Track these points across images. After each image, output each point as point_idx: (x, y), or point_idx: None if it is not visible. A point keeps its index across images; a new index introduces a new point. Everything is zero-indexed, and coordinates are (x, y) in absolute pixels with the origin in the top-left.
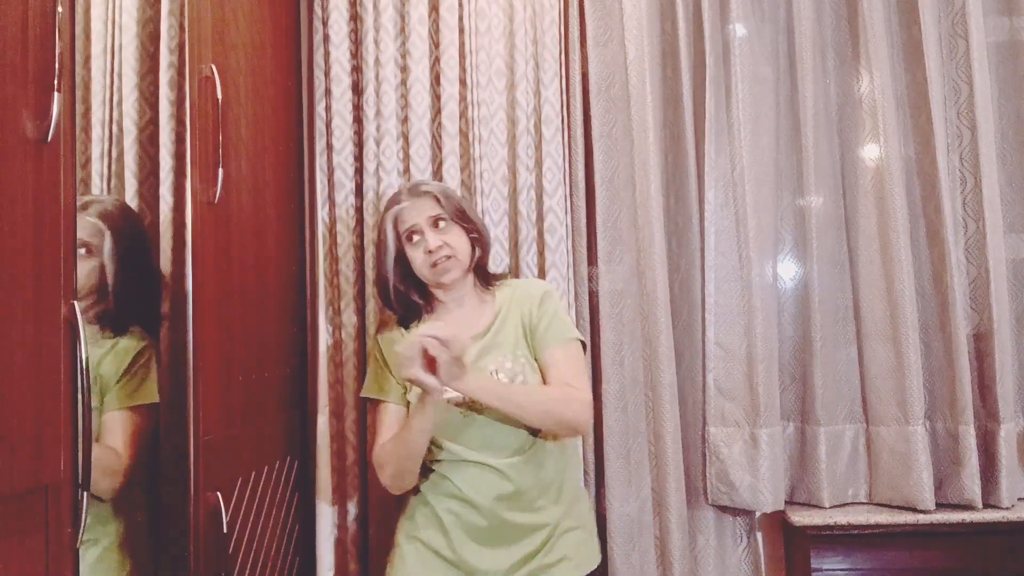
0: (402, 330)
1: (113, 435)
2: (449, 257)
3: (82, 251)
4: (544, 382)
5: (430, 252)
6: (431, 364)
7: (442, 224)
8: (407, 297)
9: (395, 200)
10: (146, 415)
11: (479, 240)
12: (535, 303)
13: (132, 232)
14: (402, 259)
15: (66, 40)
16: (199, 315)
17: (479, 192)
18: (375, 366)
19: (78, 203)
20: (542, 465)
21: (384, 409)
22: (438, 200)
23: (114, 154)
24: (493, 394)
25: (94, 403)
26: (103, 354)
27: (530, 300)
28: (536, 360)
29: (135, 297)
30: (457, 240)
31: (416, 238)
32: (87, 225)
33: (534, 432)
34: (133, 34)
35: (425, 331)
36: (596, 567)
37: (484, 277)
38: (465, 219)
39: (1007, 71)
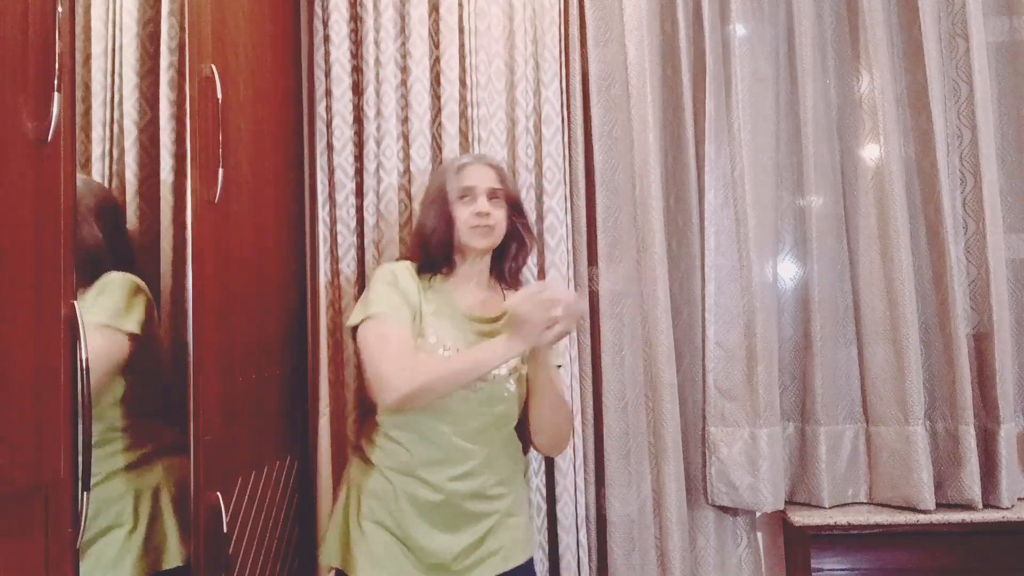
0: (416, 272)
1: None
2: (491, 227)
3: None
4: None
5: (478, 214)
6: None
7: (497, 199)
8: (443, 250)
9: (461, 157)
10: (122, 342)
11: (518, 233)
12: None
13: (93, 194)
14: (440, 215)
15: (66, 40)
16: (199, 315)
17: None
18: (385, 287)
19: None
20: (506, 455)
21: (391, 323)
22: (502, 177)
23: (115, 154)
24: (553, 377)
25: None
26: (93, 296)
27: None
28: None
29: (107, 258)
30: (501, 218)
31: (467, 198)
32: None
33: (511, 424)
34: (133, 34)
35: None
36: (529, 558)
37: (500, 269)
38: (517, 208)
39: (1007, 71)
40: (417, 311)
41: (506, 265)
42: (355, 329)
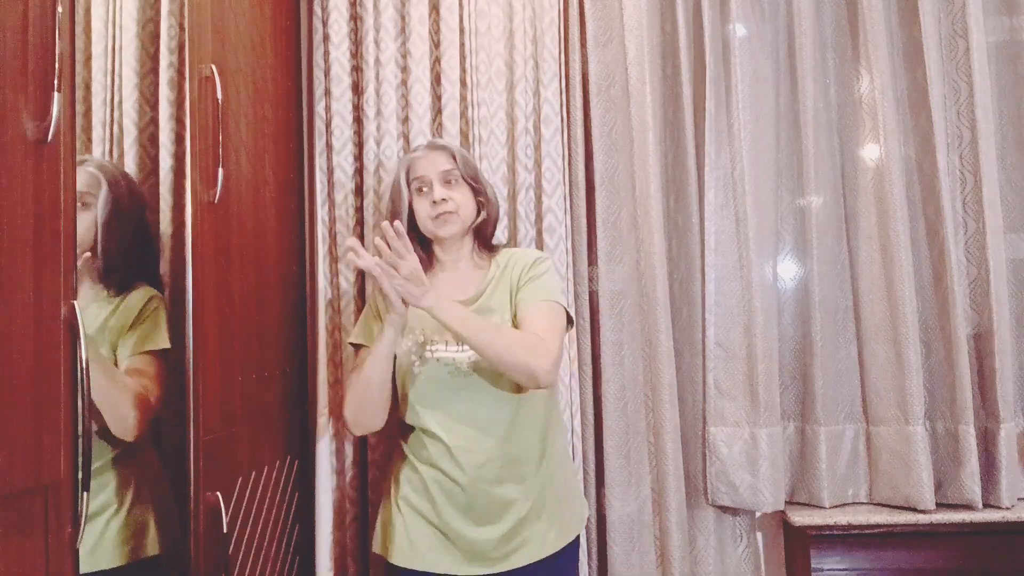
0: None
1: (140, 374)
2: (452, 212)
3: (79, 205)
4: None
5: (434, 203)
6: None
7: (452, 180)
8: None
9: (411, 151)
10: (162, 359)
11: (485, 204)
12: (526, 266)
13: (129, 188)
14: (409, 210)
15: (66, 40)
16: (199, 315)
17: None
18: (368, 315)
19: (77, 159)
20: (520, 438)
21: (361, 354)
22: (453, 156)
23: (115, 154)
24: (456, 318)
25: (104, 353)
26: (111, 311)
27: (521, 265)
28: (516, 317)
29: (135, 254)
30: (463, 198)
31: (424, 190)
32: (84, 175)
33: (517, 405)
34: (133, 34)
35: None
36: (574, 538)
37: (484, 243)
38: (476, 180)
39: (1007, 71)
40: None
41: (480, 238)
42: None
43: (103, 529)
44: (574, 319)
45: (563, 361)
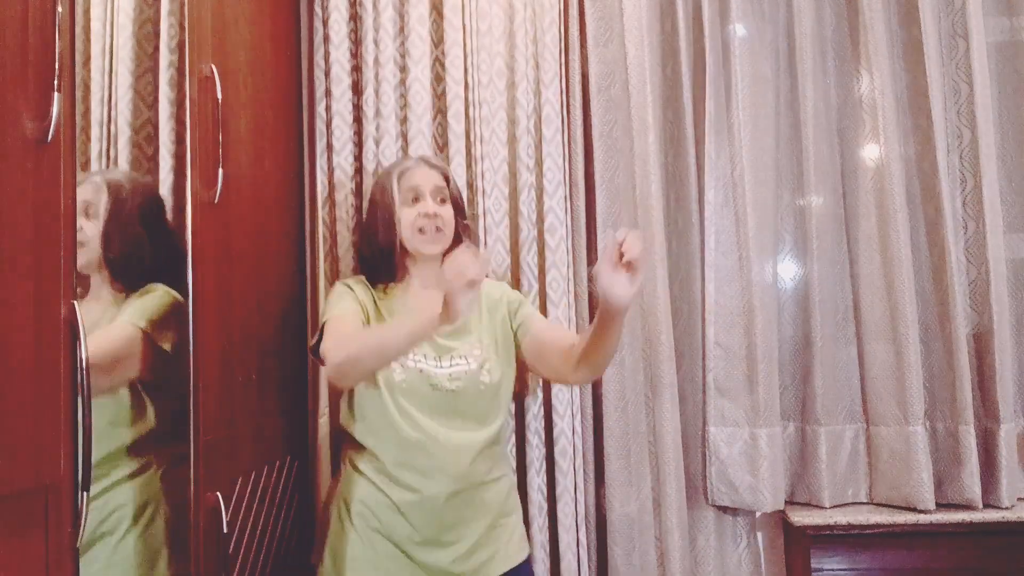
0: (368, 285)
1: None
2: (439, 229)
3: (85, 216)
4: (552, 342)
5: (426, 215)
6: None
7: (444, 199)
8: (385, 257)
9: (403, 161)
10: (152, 344)
11: (464, 230)
12: (500, 291)
13: (137, 194)
14: (392, 219)
15: (66, 40)
16: (199, 315)
17: (480, 192)
18: (337, 299)
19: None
20: (491, 455)
21: (344, 316)
22: (446, 178)
23: (112, 155)
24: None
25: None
26: (132, 300)
27: (495, 289)
28: (528, 338)
29: (144, 258)
30: (449, 219)
31: (418, 200)
32: (89, 186)
33: (500, 417)
34: (129, 34)
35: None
36: (525, 557)
37: None
38: (460, 208)
39: (1007, 71)
40: (372, 317)
41: None
42: (316, 349)
43: (109, 557)
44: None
45: None
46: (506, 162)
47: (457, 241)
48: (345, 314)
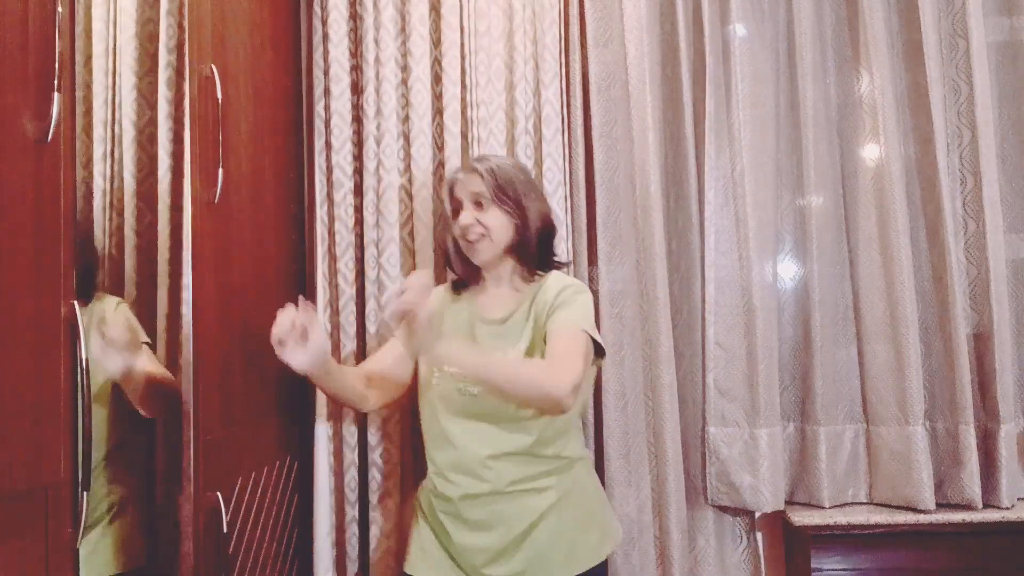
0: (450, 291)
1: None
2: (482, 236)
3: None
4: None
5: (462, 227)
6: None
7: (484, 203)
8: (459, 263)
9: (453, 171)
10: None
11: (522, 226)
12: (558, 291)
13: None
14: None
15: (66, 40)
16: (199, 315)
17: None
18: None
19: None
20: (528, 462)
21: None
22: (482, 177)
23: (116, 154)
24: (471, 365)
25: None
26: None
27: (553, 291)
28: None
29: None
30: (494, 221)
31: (457, 214)
32: None
33: (540, 424)
34: (132, 34)
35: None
36: (597, 564)
37: (525, 264)
38: (507, 200)
39: (1007, 71)
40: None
41: (521, 259)
42: None
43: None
44: (604, 350)
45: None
46: None
47: (521, 239)
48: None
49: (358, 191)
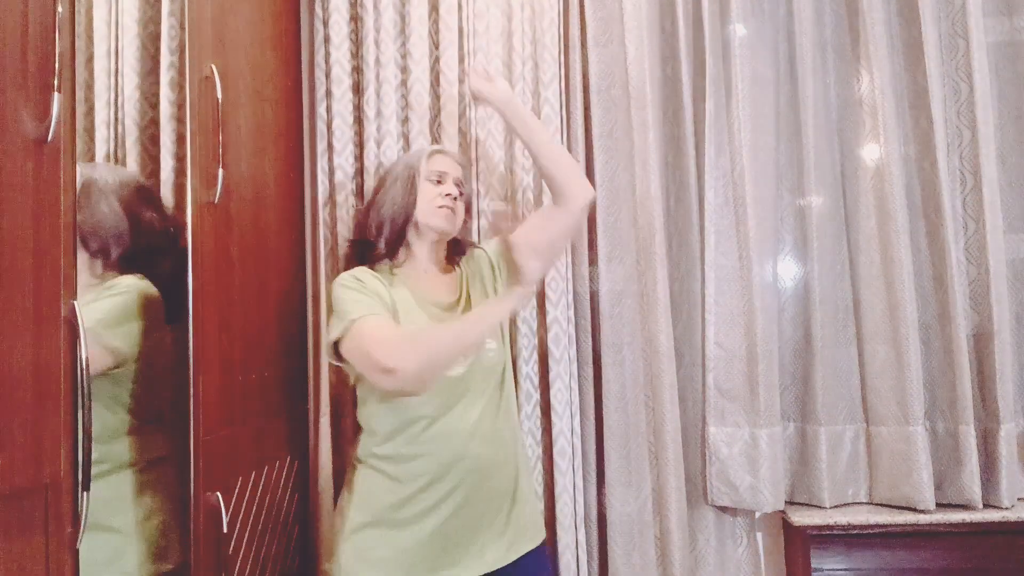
0: (365, 268)
1: None
2: (454, 211)
3: None
4: (531, 230)
5: (448, 195)
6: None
7: (462, 191)
8: (395, 232)
9: (433, 146)
10: (103, 355)
11: (468, 219)
12: (488, 249)
13: (111, 190)
14: (413, 192)
15: (66, 40)
16: (199, 315)
17: (477, 193)
18: (353, 293)
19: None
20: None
21: (372, 320)
22: (466, 176)
23: (119, 155)
24: (519, 112)
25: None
26: (101, 295)
27: (488, 254)
28: (520, 247)
29: (131, 245)
30: (462, 210)
31: (441, 182)
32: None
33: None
34: (134, 34)
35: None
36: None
37: (454, 252)
38: (468, 209)
39: (1007, 71)
40: (391, 307)
41: (453, 249)
42: (337, 345)
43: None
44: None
45: (563, 361)
46: (503, 163)
47: (456, 242)
48: (377, 313)
49: (360, 193)
